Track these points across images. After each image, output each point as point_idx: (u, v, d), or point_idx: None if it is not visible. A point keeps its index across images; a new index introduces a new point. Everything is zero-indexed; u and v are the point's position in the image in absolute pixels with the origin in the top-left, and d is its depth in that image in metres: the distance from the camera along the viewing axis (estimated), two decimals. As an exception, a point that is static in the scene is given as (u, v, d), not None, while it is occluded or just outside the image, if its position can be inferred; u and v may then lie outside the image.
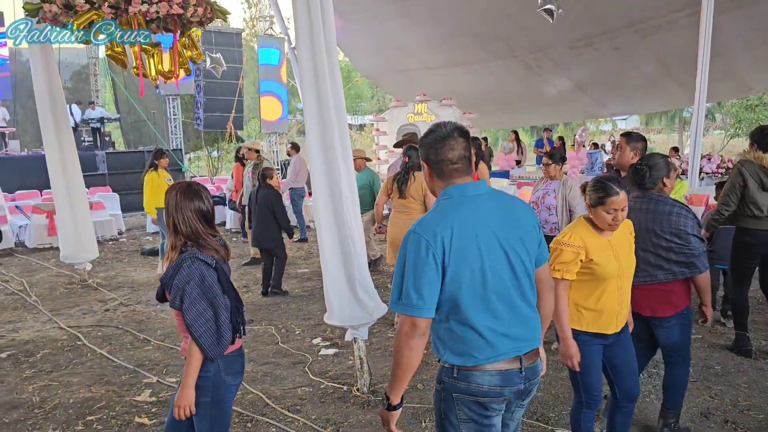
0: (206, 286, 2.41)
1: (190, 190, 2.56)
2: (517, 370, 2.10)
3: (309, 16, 3.80)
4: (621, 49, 11.81)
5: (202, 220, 2.52)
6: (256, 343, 5.33)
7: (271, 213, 6.75)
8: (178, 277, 2.40)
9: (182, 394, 2.41)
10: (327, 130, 3.87)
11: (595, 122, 31.43)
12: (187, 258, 2.43)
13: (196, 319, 2.38)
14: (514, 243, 2.08)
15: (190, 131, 20.18)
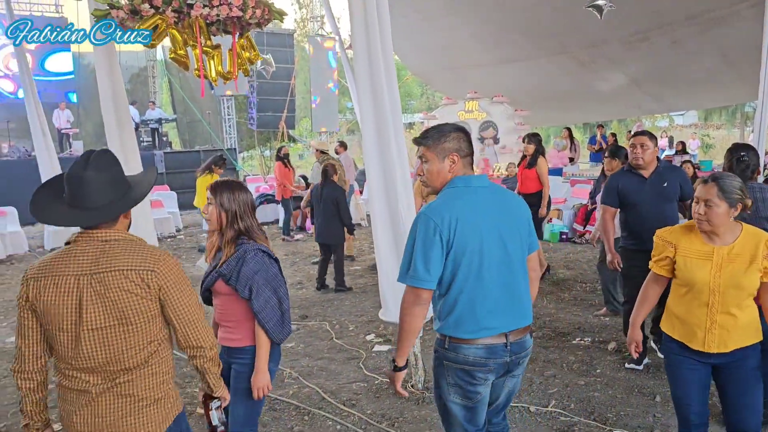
0: (271, 275, 2.57)
1: (241, 185, 2.70)
2: (502, 344, 2.33)
3: (365, 15, 3.85)
4: (679, 42, 11.48)
5: (254, 214, 2.68)
6: (311, 339, 5.43)
7: (335, 209, 6.88)
8: (246, 268, 2.51)
9: (258, 377, 2.58)
10: (383, 129, 3.92)
11: (651, 118, 30.57)
12: (251, 249, 2.55)
13: (263, 306, 2.52)
14: (509, 231, 2.35)
15: (244, 131, 20.60)
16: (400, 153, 3.97)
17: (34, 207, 2.00)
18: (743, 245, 2.53)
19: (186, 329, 2.02)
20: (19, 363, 1.97)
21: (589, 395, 4.02)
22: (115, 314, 1.90)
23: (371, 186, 4.00)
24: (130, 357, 1.94)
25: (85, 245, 1.94)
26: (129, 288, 1.91)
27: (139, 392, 1.96)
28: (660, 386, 4.09)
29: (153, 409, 2.00)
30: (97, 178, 1.95)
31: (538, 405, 3.89)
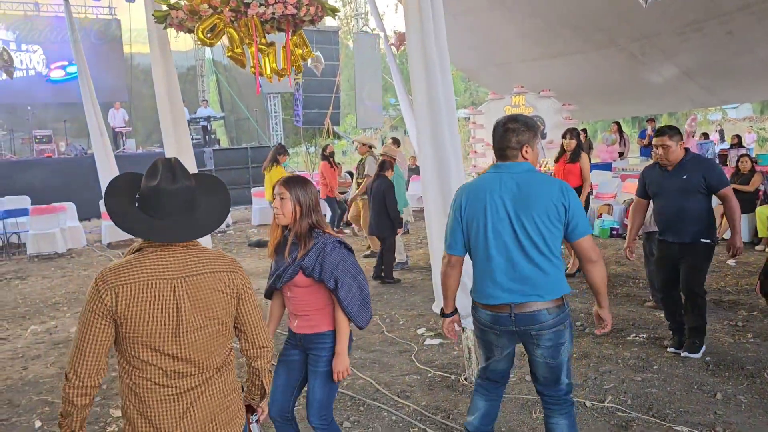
0: (349, 264, 2.70)
1: (309, 180, 2.82)
2: (507, 315, 2.66)
3: (419, 11, 3.87)
4: (734, 32, 11.14)
5: (320, 209, 2.80)
6: (362, 332, 5.47)
7: (383, 202, 6.99)
8: (328, 261, 2.64)
9: (339, 361, 2.72)
10: (437, 125, 3.94)
11: (703, 112, 29.69)
12: (329, 242, 2.67)
13: (347, 294, 2.66)
14: (522, 214, 2.59)
15: (289, 128, 20.86)
16: (454, 146, 3.98)
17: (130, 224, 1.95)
18: None
19: (255, 329, 2.10)
20: (79, 377, 1.84)
21: (646, 391, 3.97)
22: (209, 314, 1.95)
23: (425, 179, 4.03)
24: (221, 354, 2.02)
25: (168, 251, 1.94)
26: (221, 288, 1.97)
27: (225, 387, 2.03)
28: (720, 383, 4.02)
29: (236, 401, 2.09)
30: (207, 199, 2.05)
31: (594, 400, 3.86)
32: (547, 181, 2.70)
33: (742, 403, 3.74)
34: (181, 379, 1.94)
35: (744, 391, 3.89)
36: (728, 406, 3.70)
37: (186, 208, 1.96)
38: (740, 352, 4.55)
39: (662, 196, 4.47)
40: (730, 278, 6.67)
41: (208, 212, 2.04)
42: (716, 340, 4.83)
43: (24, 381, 4.76)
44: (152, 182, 1.92)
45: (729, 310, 5.55)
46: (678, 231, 4.37)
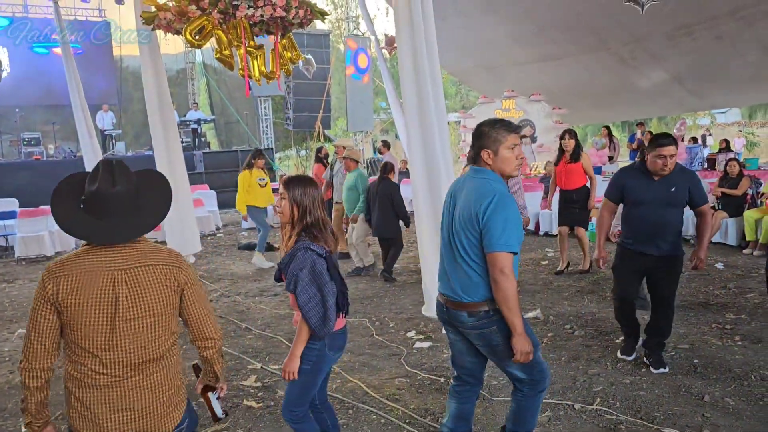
0: (316, 273, 2.65)
1: (311, 180, 2.81)
2: (442, 305, 2.88)
3: (410, 15, 3.87)
4: (723, 37, 11.24)
5: (324, 208, 2.80)
6: (352, 335, 5.45)
7: (390, 204, 7.22)
8: (293, 265, 2.65)
9: (289, 361, 2.72)
10: (427, 128, 3.95)
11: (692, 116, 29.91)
12: (301, 248, 2.67)
13: (307, 302, 2.63)
14: (456, 219, 2.75)
15: (280, 131, 20.83)
16: (444, 149, 3.99)
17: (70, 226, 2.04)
18: None
19: (201, 322, 2.19)
20: (28, 360, 1.98)
21: (634, 394, 3.97)
22: (145, 305, 2.02)
23: (415, 184, 4.03)
24: (156, 347, 2.07)
25: (112, 246, 2.02)
26: (161, 281, 2.05)
27: (164, 381, 2.10)
28: (708, 386, 4.02)
29: (174, 396, 2.15)
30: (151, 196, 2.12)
31: (582, 403, 3.86)
32: (478, 190, 2.68)
33: (729, 405, 3.75)
34: (116, 368, 2.01)
35: (731, 394, 3.90)
36: (716, 409, 3.71)
37: (128, 208, 2.04)
38: (728, 355, 4.56)
39: (645, 206, 4.15)
40: (719, 281, 6.70)
41: (151, 210, 2.12)
42: (704, 342, 4.85)
43: (11, 385, 4.71)
44: (92, 186, 2.00)
45: (717, 313, 5.57)
46: (658, 243, 4.15)
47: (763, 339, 4.85)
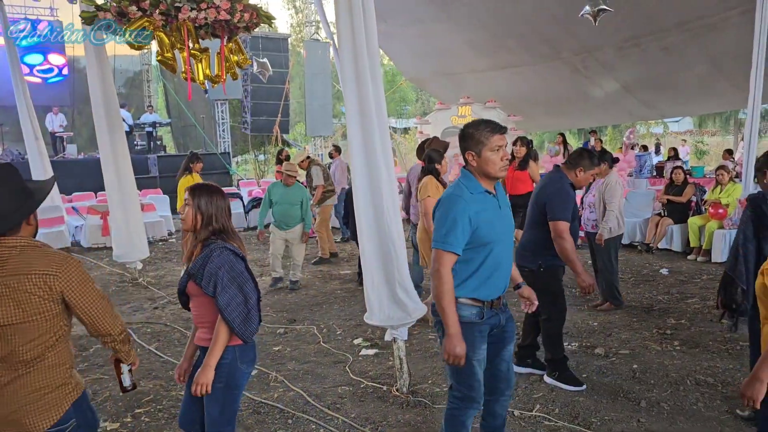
0: (236, 272, 2.57)
1: (218, 189, 2.74)
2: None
3: (351, 19, 3.85)
4: (670, 49, 11.55)
5: (230, 217, 2.72)
6: (298, 342, 5.41)
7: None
8: (210, 265, 2.54)
9: (203, 373, 2.56)
10: (368, 133, 3.92)
11: (646, 124, 30.67)
12: (216, 248, 2.58)
13: (228, 302, 2.53)
14: None
15: (238, 135, 20.59)
16: (385, 156, 3.96)
17: None
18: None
19: (93, 322, 2.26)
20: None
21: (574, 400, 4.01)
22: (18, 313, 2.08)
23: (357, 190, 4.00)
24: (27, 351, 2.13)
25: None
26: (31, 290, 2.09)
27: (38, 382, 2.17)
28: (646, 391, 4.09)
29: (51, 396, 2.19)
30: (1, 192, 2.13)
31: (522, 410, 3.88)
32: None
33: (664, 410, 3.81)
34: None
35: (667, 398, 3.97)
36: (651, 414, 3.77)
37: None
38: (666, 360, 4.65)
39: (575, 221, 4.16)
40: (662, 287, 6.84)
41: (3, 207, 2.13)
42: (644, 348, 4.93)
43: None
44: None
45: (659, 318, 5.68)
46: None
47: (701, 344, 4.96)
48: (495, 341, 2.86)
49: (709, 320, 5.55)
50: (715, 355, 4.71)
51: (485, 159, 2.64)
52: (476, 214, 2.63)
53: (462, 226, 2.61)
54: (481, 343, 2.76)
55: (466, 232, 2.62)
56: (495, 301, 2.78)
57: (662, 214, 8.82)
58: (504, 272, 2.80)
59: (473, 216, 2.62)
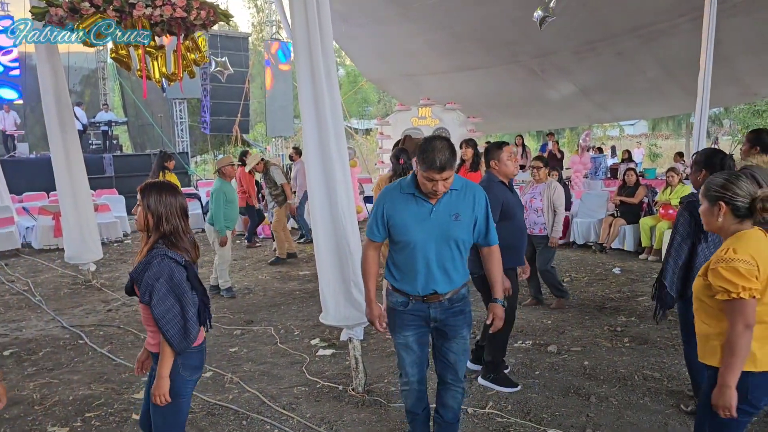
0: (174, 282, 2.47)
1: (171, 187, 2.63)
2: None
3: (306, 18, 3.85)
4: (624, 54, 11.83)
5: (183, 217, 2.60)
6: (255, 344, 5.38)
7: None
8: (148, 274, 2.45)
9: (157, 384, 2.50)
10: (323, 133, 3.92)
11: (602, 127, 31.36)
12: (157, 255, 2.48)
13: (164, 314, 2.45)
14: None
15: (197, 135, 20.32)
16: (341, 156, 3.98)
17: None
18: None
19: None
20: None
21: (526, 396, 4.09)
22: None
23: (312, 190, 4.00)
24: None
25: None
26: None
27: None
28: (595, 387, 4.19)
29: None
30: None
31: (475, 407, 3.94)
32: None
33: (613, 405, 3.92)
34: None
35: (616, 394, 4.08)
36: (600, 409, 3.86)
37: None
38: (616, 356, 4.77)
39: (517, 217, 4.22)
40: (615, 286, 7.02)
41: None
42: (595, 345, 5.05)
43: None
44: None
45: (610, 316, 5.83)
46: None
47: (650, 340, 5.11)
48: (437, 334, 3.04)
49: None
50: (662, 351, 4.85)
51: (420, 177, 2.77)
52: (391, 209, 2.85)
53: (375, 215, 2.91)
54: (402, 329, 2.98)
55: (380, 223, 2.89)
56: (429, 296, 2.91)
57: (615, 215, 9.04)
58: (431, 275, 2.87)
59: (387, 210, 2.86)
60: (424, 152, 2.69)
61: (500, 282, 3.11)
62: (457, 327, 2.99)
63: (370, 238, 2.96)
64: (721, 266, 2.25)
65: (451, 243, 2.86)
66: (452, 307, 2.95)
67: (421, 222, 2.81)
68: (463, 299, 2.99)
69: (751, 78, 12.20)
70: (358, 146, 20.45)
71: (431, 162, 2.66)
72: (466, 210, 2.87)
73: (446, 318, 2.95)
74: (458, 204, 2.86)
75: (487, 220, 2.97)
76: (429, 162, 2.66)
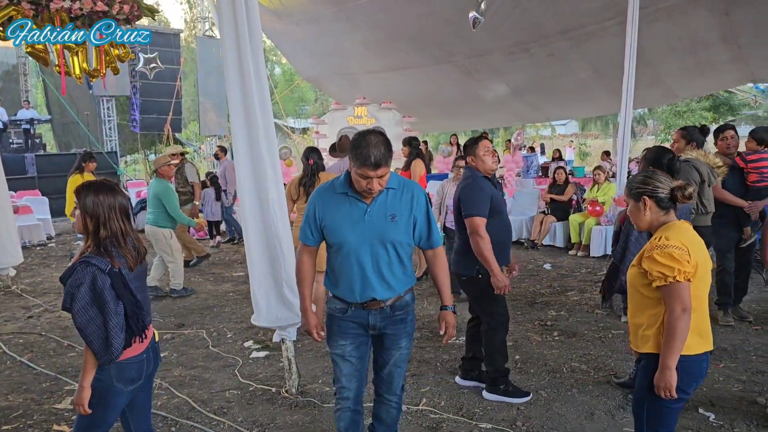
0: (97, 291, 2.34)
1: (109, 186, 2.50)
2: None
3: (234, 15, 3.77)
4: (555, 55, 12.14)
5: (125, 218, 2.48)
6: (185, 348, 5.24)
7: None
8: (70, 281, 2.34)
9: (77, 394, 2.42)
10: (253, 132, 3.85)
11: (535, 127, 32.20)
12: (81, 261, 2.36)
13: (87, 324, 2.33)
14: None
15: (126, 133, 19.65)
16: (271, 155, 3.91)
17: None
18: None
19: None
20: None
21: (459, 392, 4.13)
22: None
23: (241, 189, 3.92)
24: None
25: None
26: None
27: None
28: (526, 380, 4.28)
29: None
30: None
31: (409, 404, 3.95)
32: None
33: (542, 397, 4.01)
34: None
35: (545, 386, 4.18)
36: (530, 401, 3.94)
37: None
38: (546, 350, 4.89)
39: (504, 213, 4.00)
40: (545, 281, 7.20)
41: None
42: (526, 339, 5.17)
43: None
44: None
45: (540, 311, 5.97)
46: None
47: (578, 333, 5.26)
48: (376, 342, 2.88)
49: (585, 311, 5.90)
50: (589, 343, 5.01)
51: (354, 175, 2.59)
52: (323, 210, 2.69)
53: (308, 217, 2.75)
54: (340, 337, 2.81)
55: (312, 225, 2.73)
56: (368, 303, 2.73)
57: (546, 212, 9.28)
58: (366, 280, 2.68)
59: (319, 211, 2.70)
60: (357, 148, 2.51)
61: (448, 287, 2.89)
62: (397, 336, 2.81)
63: (303, 242, 2.78)
64: (656, 252, 2.36)
65: (388, 246, 2.66)
66: (393, 315, 2.77)
67: (355, 224, 2.64)
68: (406, 307, 2.81)
69: (672, 80, 12.74)
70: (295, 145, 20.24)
71: (365, 158, 2.48)
72: (403, 210, 2.68)
73: (386, 326, 2.78)
74: (395, 204, 2.67)
75: (429, 221, 2.77)
76: (363, 158, 2.49)
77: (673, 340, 2.34)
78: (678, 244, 2.36)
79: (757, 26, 10.14)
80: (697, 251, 2.39)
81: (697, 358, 2.41)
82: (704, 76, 12.59)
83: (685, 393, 2.42)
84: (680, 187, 2.48)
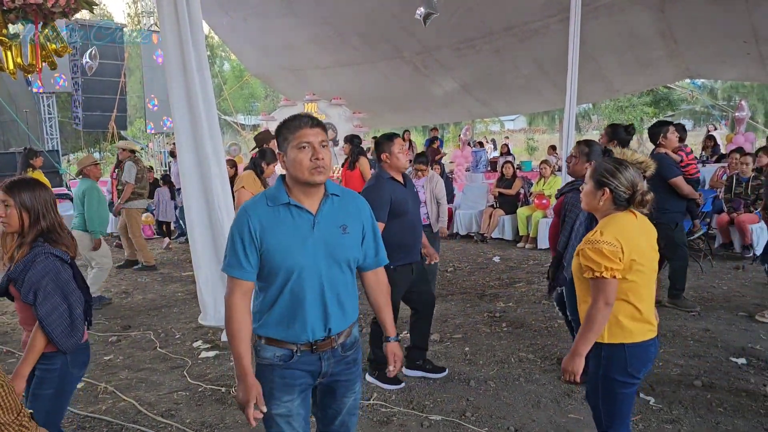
0: (62, 281, 2.45)
1: (38, 182, 2.60)
2: None
3: (175, 9, 3.70)
4: (501, 51, 12.33)
5: (57, 211, 2.59)
6: (132, 350, 5.13)
7: None
8: (32, 272, 2.40)
9: (17, 384, 2.40)
10: (197, 129, 3.80)
11: (484, 122, 32.63)
12: (41, 253, 2.44)
13: (50, 313, 2.40)
14: None
15: (69, 131, 19.03)
16: (215, 151, 3.86)
17: None
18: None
19: None
20: None
21: (410, 386, 4.16)
22: None
23: (186, 186, 3.86)
24: None
25: None
26: None
27: None
28: (475, 371, 4.35)
29: None
30: None
31: (360, 399, 3.95)
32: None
33: (491, 387, 4.08)
34: None
35: (494, 377, 4.25)
36: (479, 392, 4.01)
37: None
38: (495, 341, 4.98)
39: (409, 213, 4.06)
40: (494, 273, 7.32)
41: None
42: (476, 331, 5.25)
43: None
44: None
45: (489, 303, 6.07)
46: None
47: (525, 324, 5.37)
48: (323, 392, 2.30)
49: (533, 302, 6.03)
50: (536, 333, 5.12)
51: (291, 160, 2.10)
52: (261, 229, 2.08)
53: (241, 240, 2.09)
54: (284, 394, 2.16)
55: (249, 252, 2.08)
56: (319, 343, 2.17)
57: (495, 206, 9.43)
58: (325, 309, 2.16)
59: (256, 231, 2.08)
60: (286, 122, 2.15)
61: (391, 315, 2.46)
62: (351, 381, 2.30)
63: (236, 276, 2.11)
64: (587, 247, 2.41)
65: (342, 264, 2.18)
66: (345, 355, 2.26)
67: (304, 240, 2.10)
68: (355, 343, 2.31)
69: (614, 76, 13.12)
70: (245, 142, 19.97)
71: (298, 120, 2.11)
72: (354, 220, 2.23)
73: (340, 371, 2.25)
74: (343, 212, 2.21)
75: (375, 234, 2.34)
76: (296, 122, 2.11)
77: (590, 331, 2.40)
78: (611, 240, 2.37)
79: (691, 23, 10.54)
80: (634, 246, 2.40)
81: (644, 344, 2.48)
82: (643, 72, 13.01)
83: (635, 378, 2.48)
84: (643, 193, 2.48)
